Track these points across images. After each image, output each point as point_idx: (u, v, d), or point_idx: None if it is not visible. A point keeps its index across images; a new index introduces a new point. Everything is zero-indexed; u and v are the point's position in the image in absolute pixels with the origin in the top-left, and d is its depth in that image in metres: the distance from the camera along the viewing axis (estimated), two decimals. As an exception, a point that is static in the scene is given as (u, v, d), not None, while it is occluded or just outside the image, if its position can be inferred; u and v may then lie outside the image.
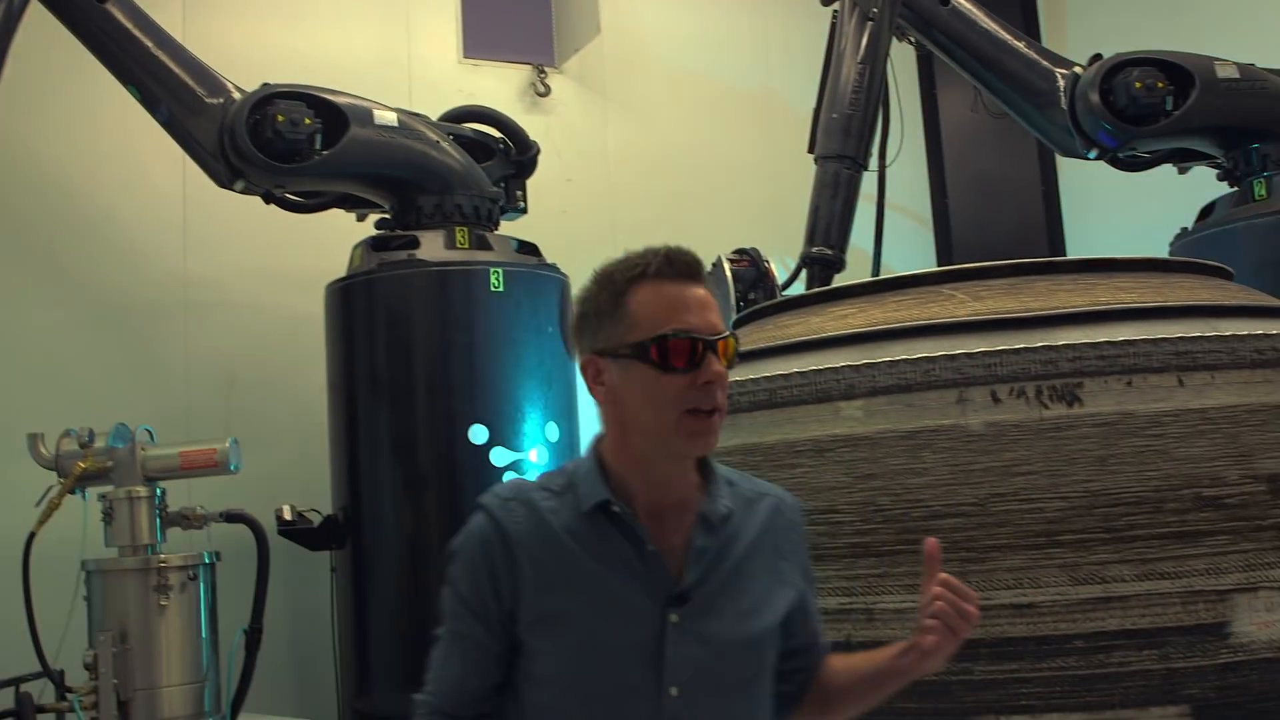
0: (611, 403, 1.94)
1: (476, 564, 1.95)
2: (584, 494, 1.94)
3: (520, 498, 1.97)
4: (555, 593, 1.90)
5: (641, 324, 1.89)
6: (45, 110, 5.71)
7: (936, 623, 2.00)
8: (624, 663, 1.89)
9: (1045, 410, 2.83)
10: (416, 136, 5.31)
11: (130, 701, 3.84)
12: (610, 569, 1.91)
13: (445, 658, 1.99)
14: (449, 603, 1.98)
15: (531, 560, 1.91)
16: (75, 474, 3.97)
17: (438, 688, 1.99)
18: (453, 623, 1.98)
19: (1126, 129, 5.55)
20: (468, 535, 1.98)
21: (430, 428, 5.13)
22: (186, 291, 5.95)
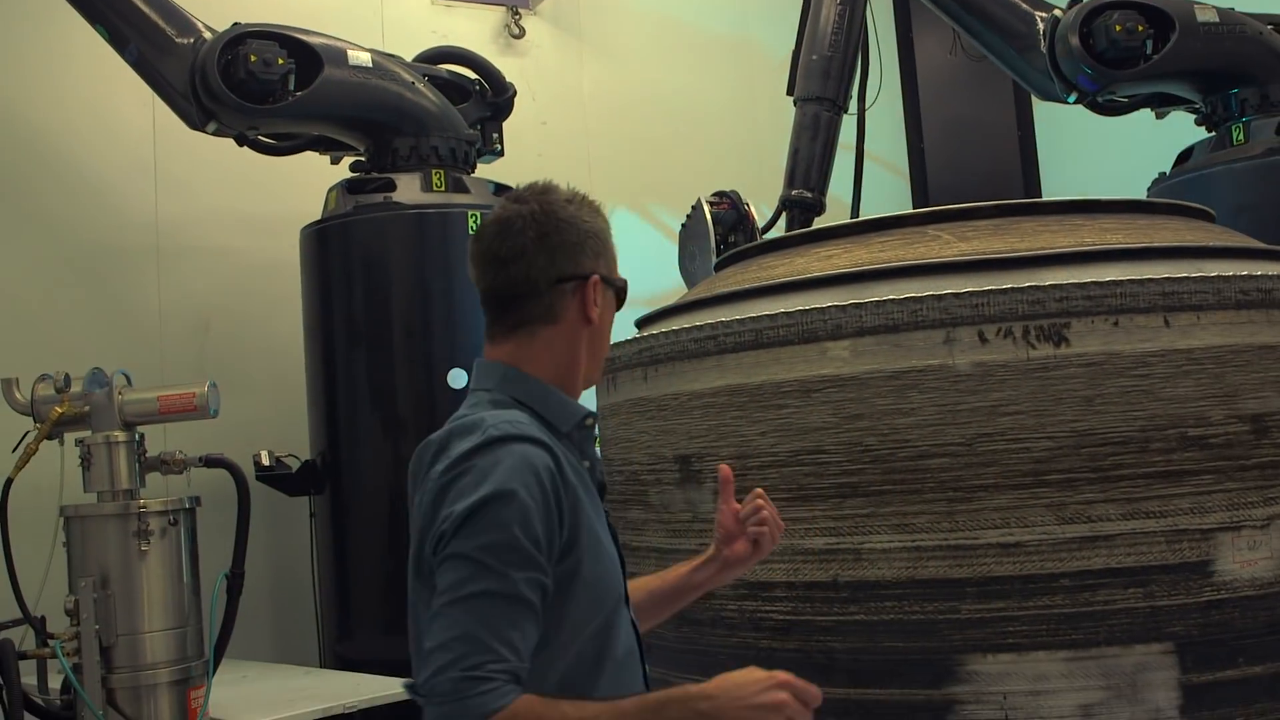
0: (587, 325, 1.99)
1: (547, 497, 1.79)
2: (563, 412, 1.96)
3: (530, 421, 1.89)
4: (588, 513, 1.90)
5: (615, 261, 2.05)
6: (12, 51, 5.61)
7: (763, 529, 2.15)
8: (618, 571, 1.97)
9: (1032, 350, 2.83)
10: (391, 78, 5.25)
11: (113, 647, 3.81)
12: (586, 483, 1.95)
13: (510, 614, 1.73)
14: (510, 548, 1.74)
15: (576, 485, 1.88)
16: (52, 419, 3.92)
17: (511, 649, 1.72)
18: (522, 571, 1.74)
19: (1106, 72, 5.54)
20: (523, 471, 1.78)
21: (408, 372, 5.12)
22: (158, 236, 5.88)
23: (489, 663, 1.69)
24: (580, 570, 1.84)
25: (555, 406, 1.95)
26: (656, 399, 3.30)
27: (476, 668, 1.69)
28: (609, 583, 1.91)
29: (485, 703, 1.67)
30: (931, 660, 2.84)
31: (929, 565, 2.84)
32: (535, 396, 1.94)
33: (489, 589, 1.73)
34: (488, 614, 1.72)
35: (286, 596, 5.67)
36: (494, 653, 1.70)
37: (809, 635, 2.96)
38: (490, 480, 1.77)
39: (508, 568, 1.74)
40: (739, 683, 1.73)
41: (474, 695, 1.68)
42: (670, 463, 3.24)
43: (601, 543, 1.91)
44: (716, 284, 3.59)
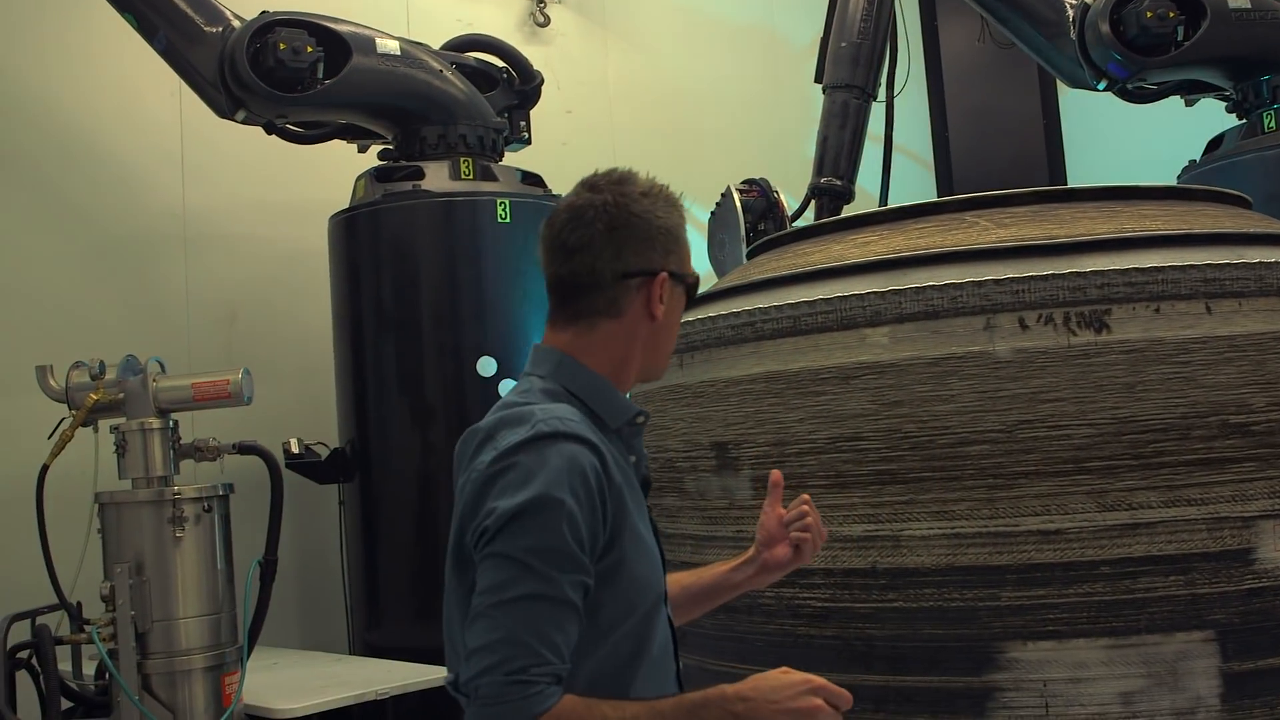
0: (651, 322, 1.96)
1: (593, 499, 1.78)
2: (614, 408, 1.93)
3: (581, 420, 1.86)
4: (631, 512, 1.87)
5: (687, 256, 2.01)
6: (41, 41, 5.61)
7: (805, 535, 2.16)
8: (660, 569, 1.96)
9: (1073, 337, 2.82)
10: (420, 65, 5.24)
11: (148, 633, 3.83)
12: (631, 479, 1.93)
13: (556, 617, 1.73)
14: (556, 551, 1.73)
15: (621, 483, 1.85)
16: (87, 406, 3.93)
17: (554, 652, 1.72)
18: (567, 574, 1.74)
19: (1136, 59, 5.51)
20: (571, 474, 1.77)
21: (437, 360, 5.12)
22: (185, 225, 5.89)
23: (533, 666, 1.70)
24: (620, 568, 1.83)
25: (607, 402, 1.93)
26: (692, 386, 3.30)
27: (522, 671, 1.70)
28: (648, 580, 1.90)
29: (530, 706, 1.69)
30: (971, 648, 2.84)
31: (968, 552, 2.83)
32: (588, 390, 1.92)
33: (536, 592, 1.73)
34: (533, 617, 1.72)
35: (315, 584, 5.69)
36: (539, 656, 1.71)
37: (847, 622, 2.95)
38: (538, 480, 1.75)
39: (554, 570, 1.73)
40: (774, 685, 1.74)
41: (519, 699, 1.69)
42: (706, 450, 3.24)
43: (642, 540, 1.90)
44: (751, 271, 3.58)
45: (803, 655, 3.02)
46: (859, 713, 2.93)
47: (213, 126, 5.27)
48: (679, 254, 1.98)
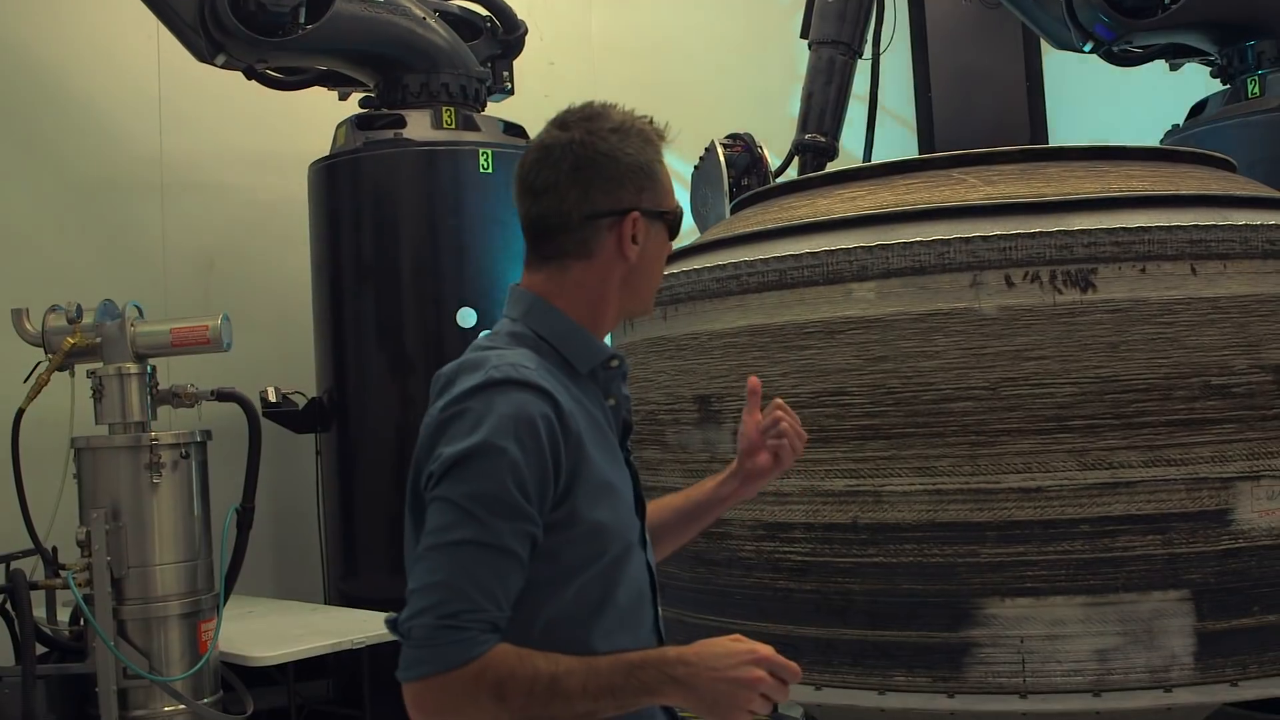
0: (624, 262, 1.88)
1: (541, 448, 1.72)
2: (583, 352, 1.87)
3: (539, 365, 1.80)
4: (596, 456, 1.80)
5: (665, 193, 1.90)
6: (15, -22, 5.52)
7: (782, 443, 2.09)
8: (632, 515, 1.89)
9: (1059, 295, 2.82)
10: (403, 12, 5.19)
11: (124, 579, 3.83)
12: (602, 424, 1.87)
13: (494, 564, 1.70)
14: (495, 499, 1.69)
15: (581, 428, 1.78)
16: (64, 349, 3.90)
17: (490, 599, 1.69)
18: (508, 521, 1.70)
19: (1124, 22, 5.48)
20: (521, 419, 1.72)
21: (417, 310, 5.10)
22: (163, 171, 5.82)
23: (466, 611, 1.67)
24: (576, 516, 1.77)
25: (576, 346, 1.88)
26: (675, 339, 3.29)
27: (454, 616, 1.67)
28: (614, 528, 1.83)
29: (460, 652, 1.66)
30: (950, 603, 2.85)
31: (949, 509, 2.85)
32: (557, 333, 1.87)
33: (475, 538, 1.69)
34: (471, 563, 1.69)
35: (291, 533, 5.68)
36: (473, 602, 1.67)
37: (827, 577, 2.96)
38: (483, 427, 1.71)
39: (494, 518, 1.69)
40: (717, 653, 1.68)
41: (448, 644, 1.66)
42: (689, 403, 3.23)
43: (610, 488, 1.83)
44: (736, 224, 3.57)
45: (782, 608, 3.04)
46: (837, 666, 2.96)
47: (192, 71, 5.20)
48: (654, 190, 1.89)
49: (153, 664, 3.89)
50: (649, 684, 1.68)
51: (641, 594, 1.89)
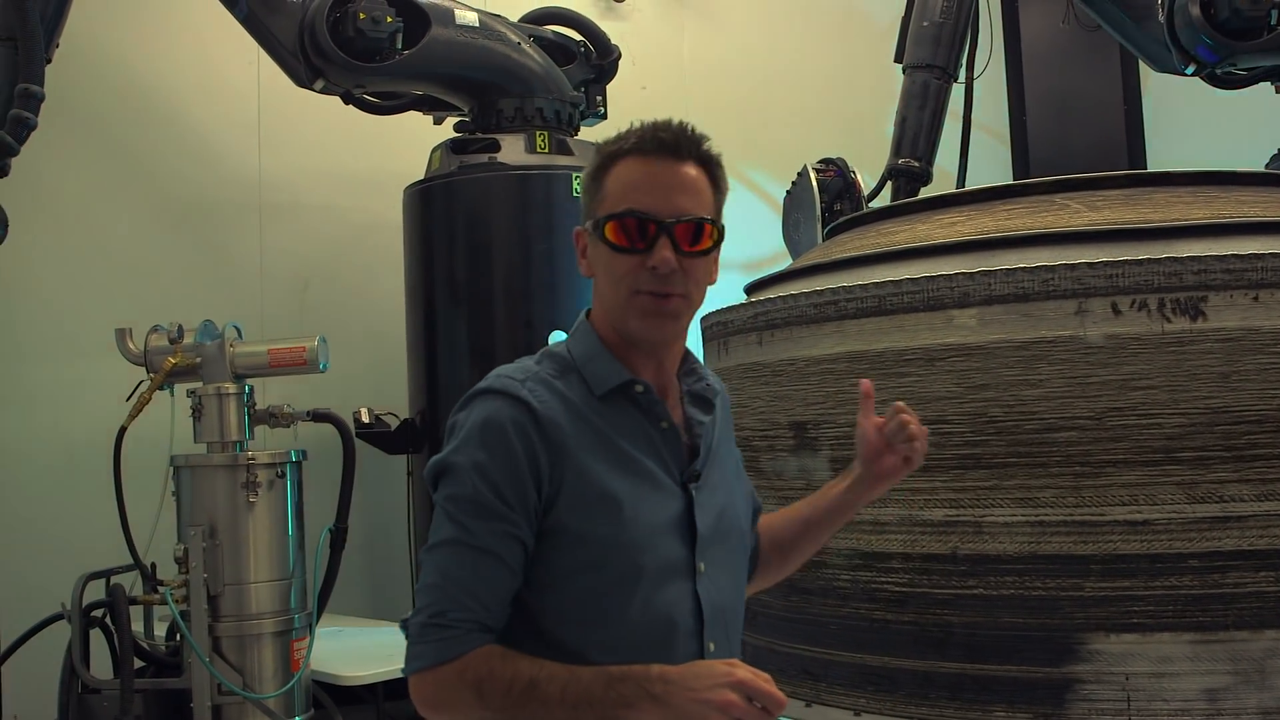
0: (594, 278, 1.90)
1: (511, 450, 1.75)
2: (599, 374, 1.85)
3: (533, 378, 1.82)
4: (598, 471, 1.80)
5: (608, 200, 1.84)
6: (122, 8, 5.66)
7: (914, 445, 2.08)
8: (665, 540, 1.85)
9: (1167, 324, 2.75)
10: (498, 38, 5.23)
11: (219, 596, 3.88)
12: (636, 446, 1.85)
13: (478, 563, 1.75)
14: (472, 501, 1.74)
15: (569, 439, 1.79)
16: (165, 369, 3.97)
17: (475, 599, 1.75)
18: (485, 522, 1.74)
19: (1227, 43, 5.35)
20: (488, 423, 1.76)
21: (509, 333, 5.12)
22: (261, 193, 5.92)
23: (451, 611, 1.74)
24: (560, 524, 1.78)
25: (595, 368, 1.86)
26: (771, 364, 3.26)
27: (441, 615, 1.75)
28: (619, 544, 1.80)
29: (443, 649, 1.73)
30: (1052, 638, 2.78)
31: (1052, 541, 2.78)
32: (581, 355, 1.87)
33: (453, 538, 1.76)
34: (453, 564, 1.76)
35: (383, 554, 5.73)
36: (457, 602, 1.75)
37: (925, 608, 2.91)
38: (460, 434, 1.80)
39: (468, 518, 1.75)
40: (699, 673, 1.67)
41: (435, 641, 1.74)
42: (785, 429, 3.20)
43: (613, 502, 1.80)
44: (833, 250, 3.53)
45: (878, 640, 2.99)
46: (935, 700, 2.90)
47: (291, 96, 5.28)
48: (591, 205, 1.87)
49: (246, 681, 3.93)
50: (627, 697, 1.68)
51: (670, 624, 1.83)
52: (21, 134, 4.11)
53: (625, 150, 1.85)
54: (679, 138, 1.85)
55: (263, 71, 5.65)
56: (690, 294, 1.84)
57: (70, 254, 5.42)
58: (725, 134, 6.67)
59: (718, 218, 1.88)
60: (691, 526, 1.87)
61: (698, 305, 1.89)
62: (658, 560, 1.83)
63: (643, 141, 1.84)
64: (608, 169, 1.86)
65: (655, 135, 1.85)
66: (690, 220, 1.81)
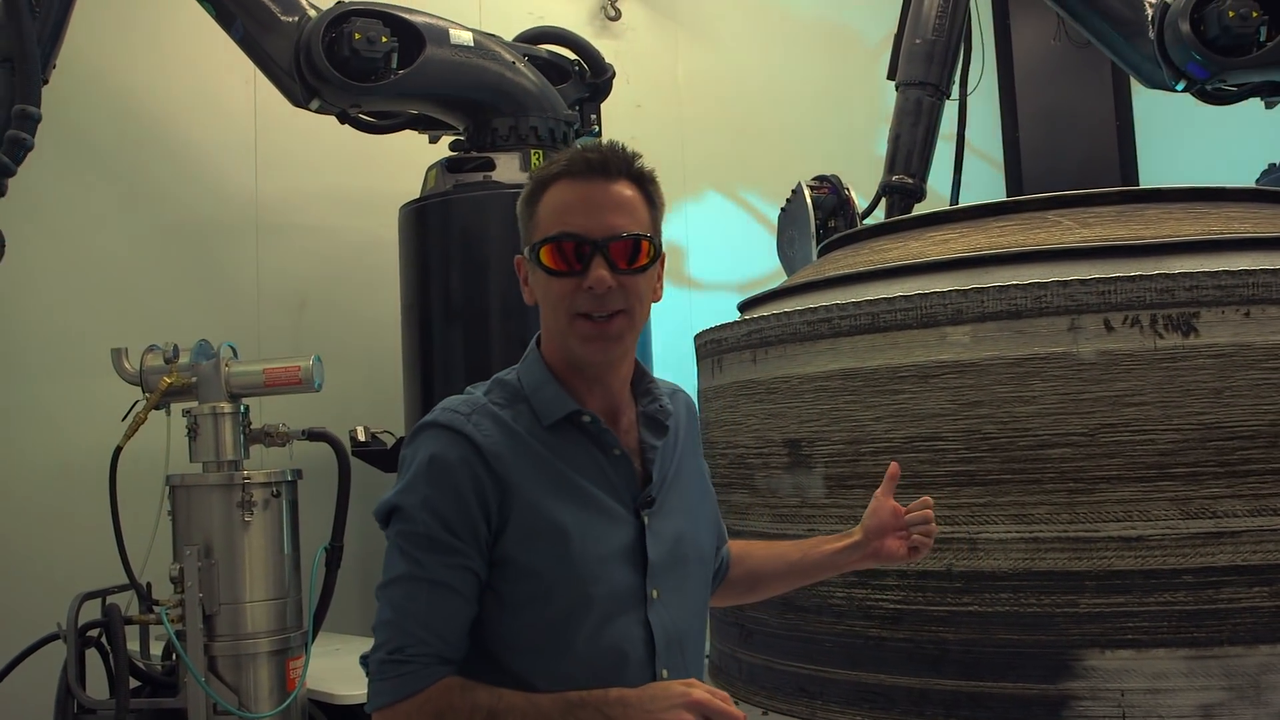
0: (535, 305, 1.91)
1: (459, 484, 1.76)
2: (546, 404, 1.84)
3: (479, 410, 1.82)
4: (545, 503, 1.80)
5: (542, 224, 1.84)
6: (119, 28, 5.67)
7: (928, 541, 2.14)
8: (615, 569, 1.84)
9: (1160, 340, 2.76)
10: (492, 57, 5.24)
11: (215, 615, 3.87)
12: (585, 476, 1.85)
13: (432, 597, 1.76)
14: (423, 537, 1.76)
15: (514, 472, 1.79)
16: (161, 389, 3.97)
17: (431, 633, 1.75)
18: (437, 556, 1.76)
19: (1217, 60, 5.39)
20: (434, 459, 1.78)
21: (505, 351, 5.11)
22: (258, 212, 5.93)
23: (409, 646, 1.75)
24: (506, 556, 1.79)
25: (543, 398, 1.85)
26: (765, 381, 3.27)
27: (399, 650, 1.75)
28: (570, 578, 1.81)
29: (403, 686, 1.74)
30: (1047, 654, 2.79)
31: (1047, 557, 2.79)
32: (530, 384, 1.87)
33: (407, 573, 1.77)
34: (407, 599, 1.77)
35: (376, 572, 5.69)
36: (414, 636, 1.75)
37: (920, 625, 2.92)
38: (407, 471, 1.81)
39: (419, 552, 1.76)
40: (655, 695, 1.69)
41: (394, 677, 1.75)
42: (779, 446, 3.21)
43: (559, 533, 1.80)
44: (826, 267, 3.55)
45: (874, 657, 2.99)
46: (931, 717, 2.90)
47: (287, 116, 5.29)
48: (527, 231, 1.89)
49: (242, 700, 3.92)
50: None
51: (620, 654, 1.83)
52: (19, 155, 4.12)
53: (556, 174, 1.85)
54: (608, 157, 1.84)
55: (259, 92, 5.66)
56: (632, 311, 1.83)
57: (67, 274, 5.42)
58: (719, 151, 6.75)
59: (656, 234, 1.87)
60: (643, 554, 1.86)
61: (640, 323, 1.87)
62: (607, 590, 1.83)
63: (572, 164, 1.84)
64: (540, 194, 1.86)
65: (584, 157, 1.85)
66: (625, 238, 1.80)
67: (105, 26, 5.58)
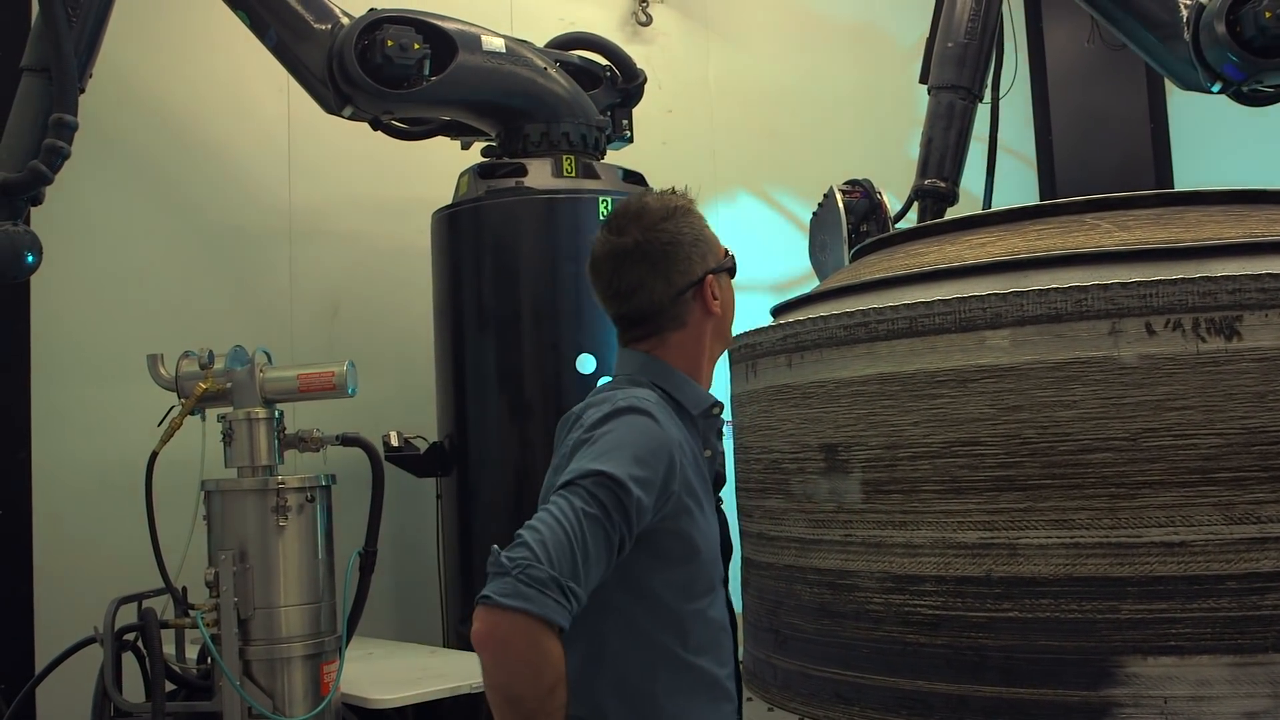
0: (711, 317, 2.23)
1: (656, 468, 1.98)
2: (694, 397, 2.19)
3: (656, 404, 2.10)
4: (694, 489, 2.08)
5: (717, 244, 2.27)
6: (154, 36, 5.72)
7: None
8: (716, 551, 2.17)
9: (1202, 343, 2.73)
10: (524, 63, 5.25)
11: (250, 619, 3.87)
12: (701, 471, 2.16)
13: (604, 550, 1.90)
14: (621, 504, 1.91)
15: (683, 458, 2.06)
16: (196, 395, 3.98)
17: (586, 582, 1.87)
18: (623, 520, 1.92)
19: (1254, 61, 5.35)
20: (648, 429, 2.01)
21: (536, 356, 5.13)
22: (291, 219, 5.96)
23: (569, 581, 1.83)
24: (676, 530, 2.04)
25: (688, 392, 2.19)
26: (801, 386, 3.25)
27: (559, 576, 1.82)
28: (707, 552, 2.12)
29: (540, 606, 1.79)
30: (1089, 661, 2.76)
31: (1088, 563, 2.76)
32: (671, 382, 2.18)
33: (600, 516, 1.89)
34: (589, 536, 1.87)
35: (411, 576, 5.73)
36: (577, 576, 1.84)
37: (959, 631, 2.89)
38: (610, 446, 1.97)
39: (616, 512, 1.91)
40: None
41: (537, 591, 1.79)
42: (815, 451, 3.19)
43: (704, 515, 2.11)
44: (862, 271, 3.53)
45: (912, 664, 2.97)
46: (970, 724, 2.87)
47: (320, 123, 5.32)
48: (712, 249, 2.23)
49: (276, 704, 3.92)
50: None
51: (725, 627, 2.18)
52: (56, 163, 4.15)
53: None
54: None
55: (292, 99, 5.69)
56: None
57: (103, 281, 5.46)
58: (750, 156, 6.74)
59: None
60: (727, 541, 2.21)
61: None
62: (718, 570, 2.18)
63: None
64: (703, 220, 2.26)
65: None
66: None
67: (141, 36, 5.62)
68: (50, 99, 4.15)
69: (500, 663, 1.83)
